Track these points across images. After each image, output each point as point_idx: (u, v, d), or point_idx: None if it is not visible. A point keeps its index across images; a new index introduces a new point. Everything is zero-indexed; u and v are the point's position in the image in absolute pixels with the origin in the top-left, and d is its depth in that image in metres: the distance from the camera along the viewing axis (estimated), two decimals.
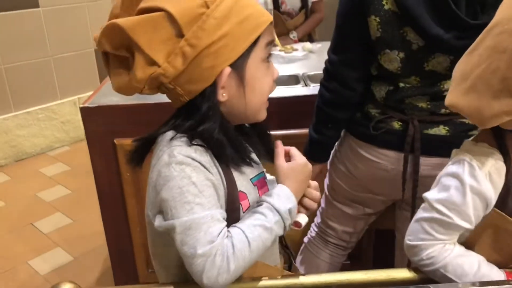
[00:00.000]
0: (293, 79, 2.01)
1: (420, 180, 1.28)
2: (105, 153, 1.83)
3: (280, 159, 0.91)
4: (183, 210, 0.77)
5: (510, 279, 0.94)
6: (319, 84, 1.37)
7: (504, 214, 0.92)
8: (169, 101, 0.90)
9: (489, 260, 0.97)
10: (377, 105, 1.30)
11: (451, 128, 1.25)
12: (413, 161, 1.27)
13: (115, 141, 1.80)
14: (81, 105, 1.78)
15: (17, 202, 2.92)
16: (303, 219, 0.94)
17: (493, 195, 0.92)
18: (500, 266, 0.96)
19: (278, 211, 0.83)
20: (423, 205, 0.99)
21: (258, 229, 0.80)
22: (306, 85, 1.93)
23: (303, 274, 0.95)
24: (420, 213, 0.99)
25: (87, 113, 1.77)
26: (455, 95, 0.91)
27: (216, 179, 0.83)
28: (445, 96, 1.04)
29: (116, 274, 2.02)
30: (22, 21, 3.25)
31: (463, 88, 0.88)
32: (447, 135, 1.25)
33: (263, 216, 0.81)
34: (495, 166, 0.92)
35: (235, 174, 0.89)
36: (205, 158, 0.83)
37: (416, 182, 1.28)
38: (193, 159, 0.81)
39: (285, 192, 0.86)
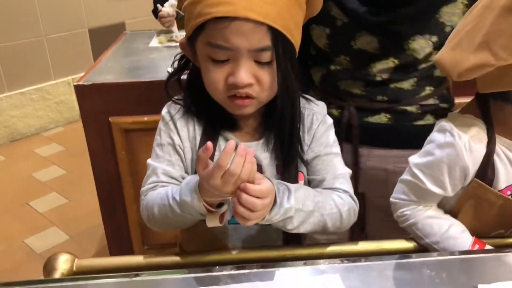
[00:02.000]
0: None
1: (366, 173, 1.24)
2: (100, 131, 1.83)
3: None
4: (151, 153, 0.98)
5: (476, 246, 0.96)
6: None
7: (484, 184, 0.94)
8: (163, 79, 0.96)
9: (472, 229, 0.99)
10: (316, 91, 1.27)
11: (393, 116, 1.20)
12: (352, 151, 1.23)
13: (110, 119, 1.80)
14: (76, 83, 1.78)
15: (12, 182, 2.93)
16: (228, 215, 0.86)
17: (471, 165, 0.93)
18: (482, 235, 0.99)
19: (180, 198, 0.84)
20: (407, 167, 1.03)
21: (164, 201, 0.87)
22: None
23: (306, 246, 0.96)
24: (403, 175, 1.03)
25: (81, 91, 1.77)
26: (443, 51, 0.93)
27: (182, 141, 0.95)
28: (378, 81, 1.05)
29: (112, 253, 2.04)
30: (15, 1, 3.21)
31: (451, 44, 0.91)
32: (389, 124, 1.20)
33: (169, 194, 0.87)
34: (476, 136, 0.93)
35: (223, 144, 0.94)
36: (181, 119, 0.95)
37: (357, 174, 1.23)
38: (170, 115, 0.96)
39: (191, 185, 0.82)
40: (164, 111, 0.99)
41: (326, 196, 0.93)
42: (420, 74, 1.18)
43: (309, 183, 1.02)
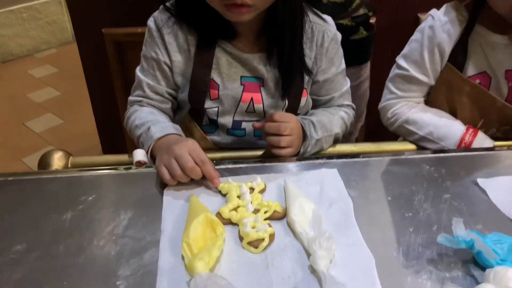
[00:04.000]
0: None
1: None
2: (93, 45, 1.78)
3: None
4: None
5: (469, 131, 0.97)
6: None
7: (454, 68, 0.98)
8: None
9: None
10: None
11: None
12: None
13: (103, 30, 1.73)
14: None
15: (7, 103, 2.89)
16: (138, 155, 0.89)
17: (446, 46, 0.99)
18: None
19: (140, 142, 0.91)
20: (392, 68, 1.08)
21: (140, 126, 0.92)
22: None
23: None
24: (389, 75, 1.08)
25: (73, 1, 1.70)
26: None
27: (170, 56, 0.92)
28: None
29: None
30: None
31: None
32: None
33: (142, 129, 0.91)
34: (454, 20, 0.99)
35: (223, 63, 0.91)
36: (170, 31, 0.91)
37: None
38: (157, 27, 0.92)
39: (154, 136, 0.88)
40: (150, 21, 0.94)
41: (336, 115, 0.99)
42: None
43: (314, 101, 1.01)
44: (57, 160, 0.93)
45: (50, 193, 0.79)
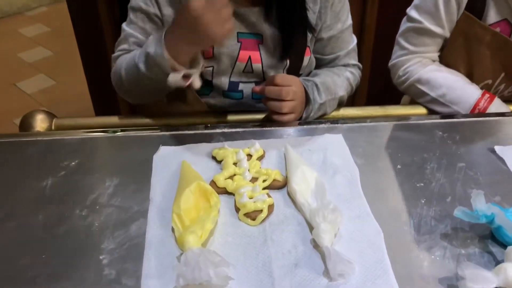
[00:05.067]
0: None
1: None
2: (84, 2, 1.68)
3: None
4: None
5: (485, 96, 0.90)
6: None
7: (472, 16, 0.90)
8: None
9: (465, 74, 0.96)
10: None
11: None
12: None
13: None
14: None
15: None
16: (196, 80, 0.74)
17: None
18: (476, 81, 0.95)
19: (144, 49, 0.75)
20: (402, 22, 0.99)
21: (131, 61, 0.79)
22: None
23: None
24: (400, 30, 0.99)
25: None
26: None
27: (160, 8, 0.83)
28: None
29: None
30: None
31: None
32: None
33: (137, 52, 0.79)
34: None
35: None
36: None
37: None
38: None
39: (159, 34, 0.73)
40: None
41: (342, 76, 0.92)
42: None
43: (317, 60, 0.94)
44: (40, 122, 0.86)
45: (29, 157, 0.72)
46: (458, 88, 0.91)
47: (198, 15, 0.66)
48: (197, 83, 0.73)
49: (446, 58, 0.97)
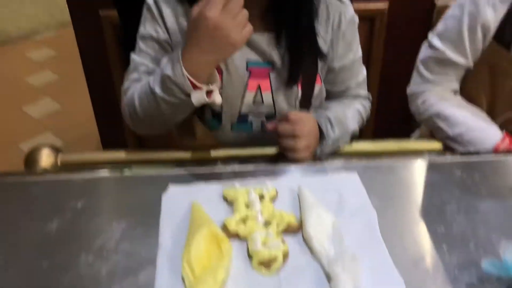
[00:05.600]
0: None
1: None
2: (91, 28, 1.68)
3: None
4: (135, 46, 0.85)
5: (506, 140, 0.87)
6: None
7: (500, 46, 0.87)
8: None
9: (487, 106, 0.92)
10: None
11: None
12: None
13: (100, 12, 1.64)
14: None
15: (5, 86, 2.83)
16: (217, 96, 0.72)
17: (492, 21, 0.86)
18: (498, 113, 0.92)
19: (160, 72, 0.72)
20: (422, 47, 0.96)
21: (145, 87, 0.76)
22: None
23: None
24: (419, 57, 0.96)
25: None
26: None
27: (169, 35, 0.81)
28: None
29: None
30: None
31: None
32: None
33: (151, 78, 0.76)
34: None
35: None
36: (169, 6, 0.81)
37: None
38: (155, 3, 0.81)
39: (174, 54, 0.71)
40: None
41: (352, 108, 0.91)
42: None
43: (328, 91, 0.93)
44: (45, 157, 0.83)
45: (34, 198, 0.70)
46: (478, 130, 0.88)
47: (216, 24, 0.65)
48: (218, 98, 0.72)
49: (468, 88, 0.94)
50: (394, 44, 1.78)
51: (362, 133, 1.75)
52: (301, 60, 0.83)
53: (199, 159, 0.82)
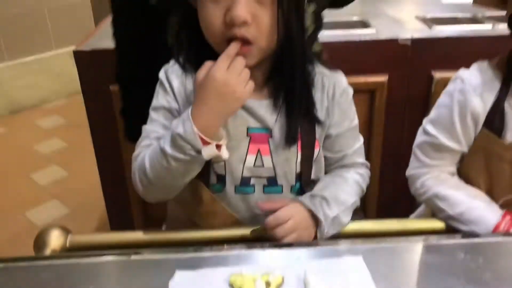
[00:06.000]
0: None
1: None
2: (101, 101, 1.74)
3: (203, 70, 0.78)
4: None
5: (506, 218, 0.88)
6: (325, 31, 1.21)
7: (491, 133, 0.90)
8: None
9: (486, 188, 0.94)
10: None
11: None
12: None
13: (110, 88, 1.70)
14: (75, 49, 1.69)
15: (14, 154, 2.87)
16: (224, 151, 0.79)
17: (481, 110, 0.90)
18: (496, 196, 0.93)
19: (171, 132, 0.78)
20: (418, 131, 0.99)
21: (156, 148, 0.81)
22: None
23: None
24: (416, 140, 0.99)
25: (81, 57, 1.69)
26: None
27: (179, 105, 0.87)
28: None
29: (113, 228, 1.98)
30: None
31: None
32: None
33: (160, 141, 0.81)
34: (488, 83, 0.91)
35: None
36: (178, 79, 0.87)
37: None
38: (166, 77, 0.88)
39: (183, 116, 0.77)
40: (161, 72, 0.90)
41: (350, 180, 0.94)
42: None
43: (326, 159, 0.96)
44: (55, 239, 0.85)
45: (44, 283, 0.71)
46: (477, 208, 0.89)
47: (224, 82, 0.74)
48: (225, 153, 0.78)
49: (465, 172, 0.96)
50: (395, 116, 1.83)
51: (366, 208, 1.77)
52: (297, 126, 0.87)
53: (206, 240, 0.84)
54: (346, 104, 0.92)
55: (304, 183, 0.92)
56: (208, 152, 0.75)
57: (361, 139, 0.97)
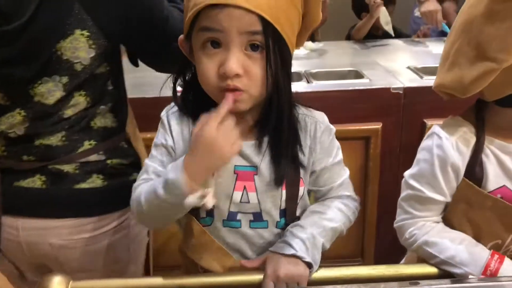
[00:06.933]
0: (296, 76, 1.98)
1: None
2: None
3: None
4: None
5: (495, 256, 0.91)
6: (321, 81, 1.28)
7: (472, 183, 0.93)
8: (170, 95, 0.96)
9: (472, 234, 0.96)
10: None
11: (49, 179, 1.05)
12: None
13: None
14: None
15: None
16: (209, 200, 0.84)
17: (460, 163, 0.94)
18: (483, 241, 0.95)
19: (165, 178, 0.84)
20: (402, 184, 1.02)
21: (151, 186, 0.87)
22: (308, 82, 2.00)
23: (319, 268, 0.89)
24: (401, 194, 1.02)
25: None
26: (441, 75, 0.95)
27: (174, 143, 0.94)
28: (16, 138, 1.02)
29: None
30: None
31: (446, 66, 0.93)
32: (45, 188, 1.05)
33: (156, 182, 0.88)
34: (463, 136, 0.95)
35: None
36: (176, 119, 0.94)
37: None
38: (167, 117, 0.95)
39: (177, 162, 0.84)
40: (162, 112, 0.98)
41: (332, 208, 0.98)
42: (69, 126, 1.05)
43: (314, 192, 1.01)
44: (57, 285, 0.87)
45: None
46: (466, 250, 0.92)
47: (212, 141, 0.80)
48: (210, 202, 0.83)
49: (450, 220, 0.99)
50: (391, 162, 1.87)
51: (364, 254, 1.78)
52: (284, 168, 0.92)
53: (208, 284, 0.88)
54: (329, 142, 0.97)
55: (289, 219, 0.95)
56: (190, 200, 0.81)
57: (346, 173, 1.01)
